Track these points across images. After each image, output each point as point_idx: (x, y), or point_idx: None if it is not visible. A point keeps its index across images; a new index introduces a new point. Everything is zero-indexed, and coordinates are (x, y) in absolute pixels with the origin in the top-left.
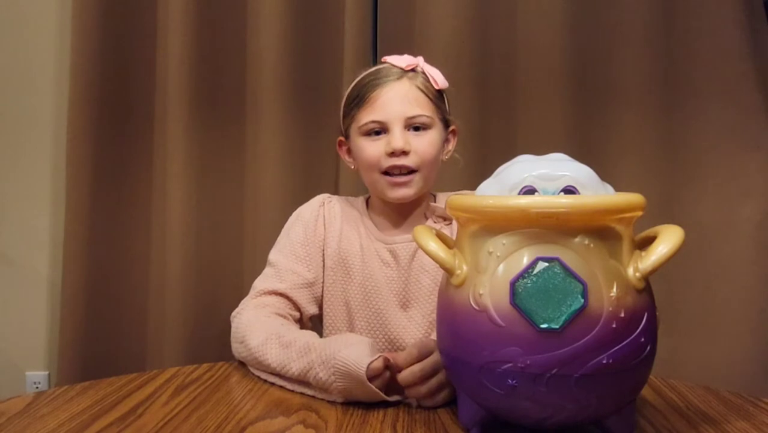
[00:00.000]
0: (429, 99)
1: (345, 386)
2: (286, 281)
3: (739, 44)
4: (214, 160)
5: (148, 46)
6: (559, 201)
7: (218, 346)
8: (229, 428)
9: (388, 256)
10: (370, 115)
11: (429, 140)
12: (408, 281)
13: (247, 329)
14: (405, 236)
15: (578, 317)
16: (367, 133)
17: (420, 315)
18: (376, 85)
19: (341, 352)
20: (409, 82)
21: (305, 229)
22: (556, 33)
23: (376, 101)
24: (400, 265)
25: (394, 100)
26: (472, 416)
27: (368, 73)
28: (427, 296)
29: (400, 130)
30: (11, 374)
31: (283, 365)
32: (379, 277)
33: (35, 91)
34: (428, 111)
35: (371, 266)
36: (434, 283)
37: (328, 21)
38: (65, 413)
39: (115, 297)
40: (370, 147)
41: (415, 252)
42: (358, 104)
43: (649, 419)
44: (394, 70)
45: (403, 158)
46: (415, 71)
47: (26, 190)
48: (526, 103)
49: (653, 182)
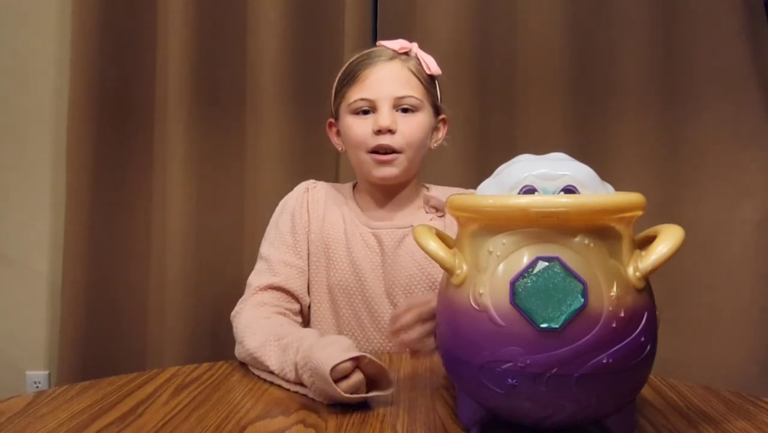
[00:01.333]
0: (420, 82)
1: (318, 387)
2: (279, 273)
3: (739, 44)
4: (214, 159)
5: (148, 46)
6: (559, 201)
7: (218, 346)
8: (229, 428)
9: (372, 240)
10: (359, 93)
11: (417, 122)
12: (394, 268)
13: (246, 330)
14: (390, 222)
15: (578, 317)
16: (355, 111)
17: (405, 301)
18: (367, 65)
19: (316, 353)
20: (401, 64)
21: (292, 217)
22: (556, 32)
23: (366, 79)
24: (385, 251)
25: (385, 80)
26: (472, 416)
27: (361, 54)
28: (414, 284)
29: (388, 109)
30: (11, 374)
31: (281, 367)
32: (363, 261)
33: (35, 91)
34: (418, 93)
35: (355, 250)
36: (420, 271)
37: (328, 21)
38: (65, 412)
39: (115, 297)
40: (357, 125)
41: (402, 239)
42: (349, 82)
43: (649, 419)
44: (387, 51)
45: (389, 137)
46: (408, 54)
47: (26, 190)
48: (526, 103)
49: (653, 182)
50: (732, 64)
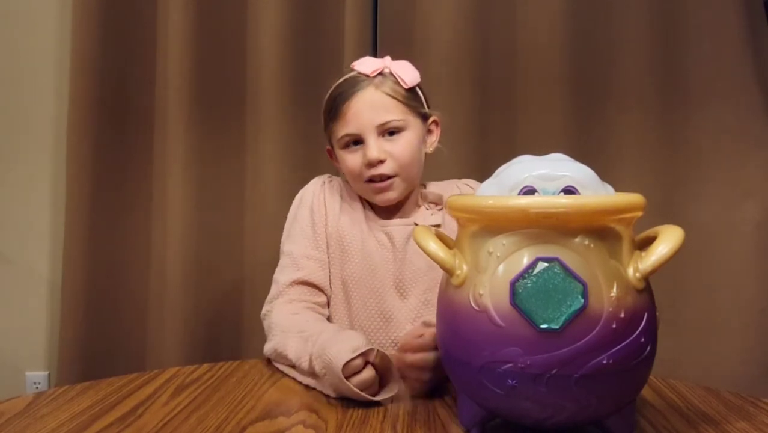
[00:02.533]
0: (398, 101)
1: (331, 382)
2: (303, 267)
3: (739, 44)
4: (214, 160)
5: (148, 46)
6: (559, 201)
7: (218, 346)
8: (229, 428)
9: (384, 238)
10: (343, 129)
11: (404, 143)
12: (403, 263)
13: (275, 327)
14: (398, 219)
15: (578, 317)
16: (345, 145)
17: (414, 295)
18: (345, 98)
19: (331, 347)
20: (374, 89)
21: (310, 210)
22: (556, 33)
23: (346, 114)
24: (396, 247)
25: (363, 111)
26: (472, 416)
27: (338, 84)
28: (422, 277)
29: (374, 140)
30: (11, 374)
31: (298, 357)
32: (375, 257)
33: (35, 91)
34: (399, 114)
35: (369, 246)
36: (428, 265)
37: (328, 21)
38: (65, 413)
39: (115, 297)
40: (349, 159)
41: (410, 235)
42: (333, 118)
43: (649, 419)
44: (360, 78)
45: (381, 167)
46: (382, 75)
47: (26, 190)
48: (526, 103)
49: (653, 182)
50: (732, 64)
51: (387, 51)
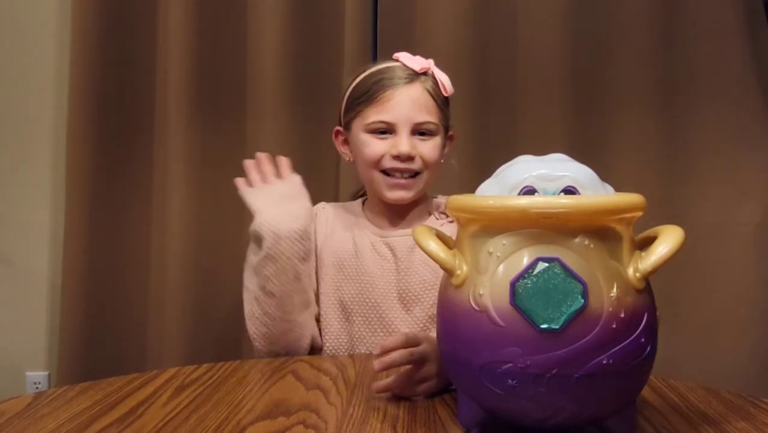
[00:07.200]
0: (437, 105)
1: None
2: None
3: (739, 45)
4: (215, 159)
5: (148, 46)
6: (559, 201)
7: (218, 346)
8: (229, 429)
9: (384, 249)
10: (378, 115)
11: (433, 146)
12: (408, 274)
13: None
14: (402, 229)
15: (578, 317)
16: (372, 131)
17: (419, 309)
18: (387, 86)
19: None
20: (421, 87)
21: None
22: (556, 33)
23: (386, 102)
24: (398, 258)
25: (405, 104)
26: (472, 416)
27: (379, 69)
28: (428, 290)
29: (407, 135)
30: (11, 374)
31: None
32: (374, 270)
33: (35, 91)
34: (435, 118)
35: (365, 260)
36: (435, 277)
37: (328, 21)
38: (65, 413)
39: (115, 297)
40: (374, 144)
41: (413, 245)
42: (367, 101)
43: (649, 419)
44: (407, 71)
45: (408, 162)
46: (426, 75)
47: (26, 190)
48: (526, 104)
49: (653, 182)
50: (732, 64)
51: (387, 51)
